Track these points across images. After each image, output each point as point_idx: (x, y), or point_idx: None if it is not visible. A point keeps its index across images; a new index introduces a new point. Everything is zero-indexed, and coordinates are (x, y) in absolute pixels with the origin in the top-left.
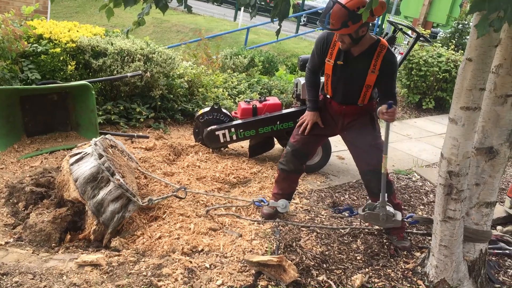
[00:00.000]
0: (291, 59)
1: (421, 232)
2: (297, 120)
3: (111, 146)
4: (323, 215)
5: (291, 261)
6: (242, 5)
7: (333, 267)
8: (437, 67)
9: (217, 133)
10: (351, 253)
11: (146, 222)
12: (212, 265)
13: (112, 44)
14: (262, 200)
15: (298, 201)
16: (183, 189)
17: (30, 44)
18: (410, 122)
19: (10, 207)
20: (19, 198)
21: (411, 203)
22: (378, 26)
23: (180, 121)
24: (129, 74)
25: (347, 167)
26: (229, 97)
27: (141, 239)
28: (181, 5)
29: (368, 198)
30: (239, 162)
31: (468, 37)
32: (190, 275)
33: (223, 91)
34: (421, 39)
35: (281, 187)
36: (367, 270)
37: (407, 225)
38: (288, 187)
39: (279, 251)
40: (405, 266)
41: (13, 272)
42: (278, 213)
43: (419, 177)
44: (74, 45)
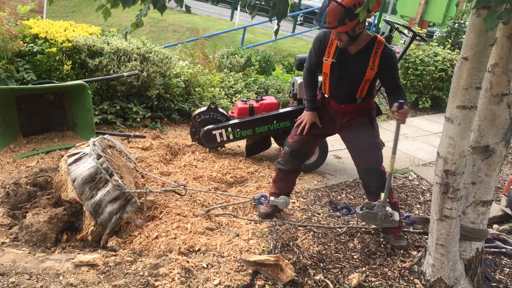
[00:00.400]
0: (287, 58)
1: (418, 231)
2: (294, 119)
3: (110, 147)
4: (320, 214)
5: (288, 260)
6: (242, 5)
7: (330, 266)
8: (433, 66)
9: (214, 132)
10: (348, 252)
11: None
12: (209, 265)
13: (108, 44)
14: (262, 196)
15: (295, 200)
16: (183, 186)
17: (26, 44)
18: (407, 121)
19: (6, 207)
20: (16, 198)
21: (408, 202)
22: (374, 26)
23: (177, 121)
24: (125, 74)
25: (344, 166)
26: (226, 96)
27: (138, 239)
28: (180, 5)
29: (365, 197)
30: (236, 161)
31: (464, 36)
32: (187, 275)
33: (219, 90)
34: (417, 38)
35: (278, 187)
36: (364, 269)
37: (404, 225)
38: (285, 187)
39: (276, 251)
40: (402, 265)
41: (9, 273)
42: (275, 213)
43: (415, 176)
44: (70, 44)
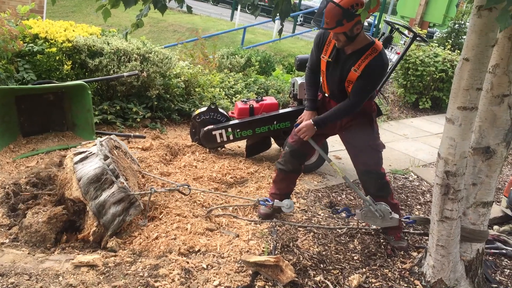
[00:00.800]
0: (287, 59)
1: (418, 232)
2: (294, 120)
3: (116, 147)
4: (320, 215)
5: (288, 261)
6: (244, 4)
7: (330, 267)
8: (433, 67)
9: (214, 133)
10: (348, 253)
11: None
12: (209, 266)
13: (108, 44)
14: (267, 200)
15: (295, 201)
16: (187, 186)
17: (26, 44)
18: (407, 122)
19: (6, 207)
20: (16, 196)
21: (408, 203)
22: (374, 26)
23: (177, 121)
24: (125, 74)
25: (344, 167)
26: (226, 97)
27: (137, 239)
28: (181, 6)
29: None
30: (236, 162)
31: (465, 37)
32: (187, 276)
33: (220, 91)
34: (417, 39)
35: (279, 187)
36: (364, 270)
37: (404, 225)
38: (286, 187)
39: (276, 251)
40: (402, 266)
41: (9, 273)
42: (275, 213)
43: (415, 176)
44: (70, 44)
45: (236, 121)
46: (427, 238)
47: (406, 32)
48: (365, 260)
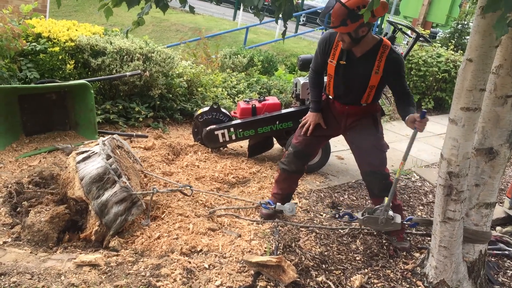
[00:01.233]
0: (290, 58)
1: (421, 233)
2: (297, 120)
3: (118, 147)
4: (322, 215)
5: (290, 261)
6: (248, 5)
7: (332, 268)
8: (436, 67)
9: (216, 132)
10: (350, 254)
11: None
12: (211, 266)
13: (111, 43)
14: (269, 202)
15: (297, 201)
16: (189, 187)
17: (29, 43)
18: None
19: (8, 206)
20: (18, 195)
21: (410, 203)
22: (377, 26)
23: (179, 121)
24: (128, 74)
25: (346, 167)
26: (228, 96)
27: (140, 239)
28: (183, 5)
29: (367, 198)
30: (238, 162)
31: (468, 37)
32: (188, 276)
33: (222, 90)
34: (420, 39)
35: (281, 187)
36: (366, 270)
37: (406, 226)
38: (288, 187)
39: (278, 252)
40: (404, 267)
41: (11, 272)
42: (277, 213)
43: (418, 177)
44: (73, 44)
45: (239, 121)
46: (429, 239)
47: (409, 32)
48: (367, 261)
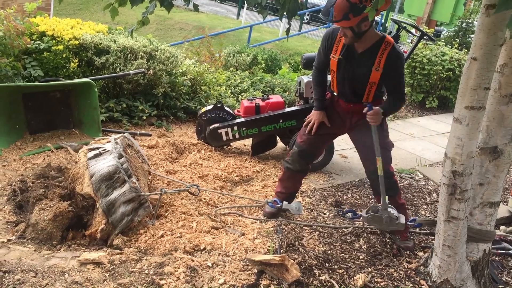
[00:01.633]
0: (294, 57)
1: (424, 232)
2: (302, 118)
3: (129, 146)
4: (325, 214)
5: (294, 260)
6: (251, 3)
7: (336, 267)
8: (440, 65)
9: (219, 131)
10: (353, 253)
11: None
12: (214, 264)
13: (115, 42)
14: (276, 201)
15: (300, 200)
16: (196, 186)
17: (33, 41)
18: (413, 121)
19: (13, 204)
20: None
21: (414, 202)
22: (381, 25)
23: (183, 119)
24: (132, 72)
25: (350, 166)
26: (232, 95)
27: (143, 237)
28: (187, 4)
29: (371, 197)
30: (242, 160)
31: (473, 36)
32: (192, 274)
33: (226, 89)
34: (424, 37)
35: (284, 186)
36: (369, 269)
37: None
38: (292, 186)
39: (282, 250)
40: (408, 266)
41: (15, 270)
42: (280, 212)
43: (422, 176)
44: (77, 42)
45: (242, 119)
46: (433, 238)
47: (413, 30)
48: (370, 260)
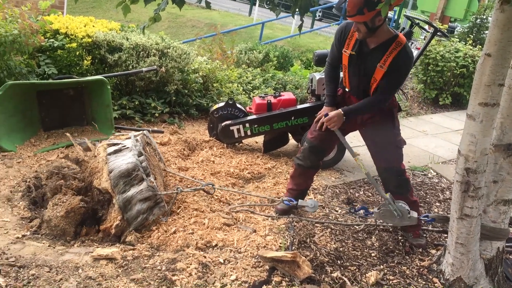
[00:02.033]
0: (306, 54)
1: (437, 230)
2: (313, 115)
3: (147, 144)
4: (337, 211)
5: (305, 257)
6: (263, 0)
7: (348, 264)
8: (454, 62)
9: (231, 128)
10: (365, 250)
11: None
12: (226, 260)
13: (127, 39)
14: (291, 200)
15: (312, 197)
16: (211, 185)
17: (47, 39)
18: (426, 118)
19: (27, 200)
20: (37, 189)
21: (427, 200)
22: (394, 21)
23: (195, 116)
24: (144, 69)
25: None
26: (244, 92)
27: (155, 233)
28: (200, 1)
29: None
30: (254, 157)
31: (487, 32)
32: (204, 270)
33: (237, 86)
34: (438, 34)
35: (296, 183)
36: (382, 267)
37: (423, 223)
38: (303, 182)
39: (293, 247)
40: (420, 264)
41: (30, 265)
42: (292, 209)
43: (435, 173)
44: (90, 40)
45: (254, 116)
46: (446, 235)
47: (426, 27)
48: (382, 257)
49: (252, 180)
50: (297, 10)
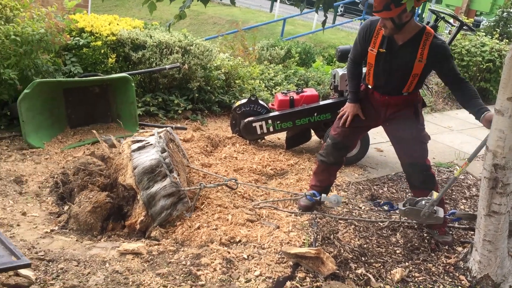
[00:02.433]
0: (328, 50)
1: (463, 227)
2: (335, 111)
3: (171, 140)
4: (361, 207)
5: (329, 253)
6: None
7: (372, 261)
8: (480, 56)
9: (254, 124)
10: (390, 247)
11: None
12: (250, 256)
13: (151, 37)
14: (314, 194)
15: (335, 193)
16: (234, 180)
17: (73, 38)
18: (452, 114)
19: (55, 195)
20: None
21: (453, 197)
22: (418, 15)
23: (217, 113)
24: (167, 66)
25: (385, 160)
26: (266, 88)
27: (180, 229)
28: None
29: (408, 191)
30: (276, 153)
31: None
32: (228, 265)
33: (259, 82)
34: (464, 28)
35: (319, 179)
36: (407, 264)
37: (449, 220)
38: (326, 179)
39: (317, 243)
40: (446, 261)
41: (58, 259)
42: (315, 205)
43: None
44: (114, 38)
45: (276, 112)
46: (472, 232)
47: (451, 21)
48: (407, 254)
49: (275, 177)
50: (320, 5)
